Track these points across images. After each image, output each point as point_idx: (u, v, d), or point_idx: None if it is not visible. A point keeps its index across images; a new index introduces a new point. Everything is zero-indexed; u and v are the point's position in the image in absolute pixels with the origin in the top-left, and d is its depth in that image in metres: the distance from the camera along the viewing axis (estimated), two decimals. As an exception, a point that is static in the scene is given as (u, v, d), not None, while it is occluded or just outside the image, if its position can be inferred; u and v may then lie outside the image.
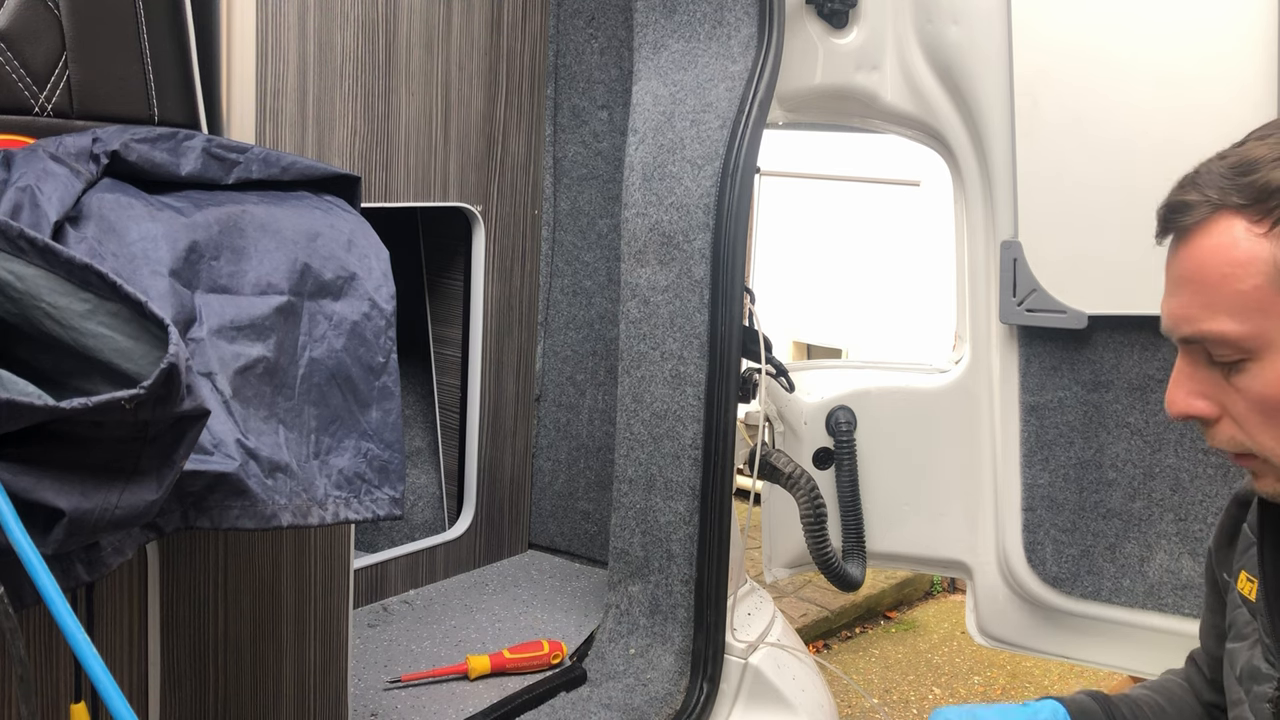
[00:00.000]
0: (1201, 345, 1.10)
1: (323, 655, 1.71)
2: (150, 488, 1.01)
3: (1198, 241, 1.08)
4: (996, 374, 2.37)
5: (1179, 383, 1.14)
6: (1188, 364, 1.13)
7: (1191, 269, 1.09)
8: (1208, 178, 1.08)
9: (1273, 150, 1.05)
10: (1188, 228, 1.09)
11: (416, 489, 2.76)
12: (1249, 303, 1.05)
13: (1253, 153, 1.06)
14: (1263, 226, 1.04)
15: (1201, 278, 1.08)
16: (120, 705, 0.86)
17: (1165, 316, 1.14)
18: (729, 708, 2.19)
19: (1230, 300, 1.06)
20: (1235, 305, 1.06)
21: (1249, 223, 1.05)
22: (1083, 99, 2.17)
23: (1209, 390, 1.12)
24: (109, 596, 1.40)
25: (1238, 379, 1.09)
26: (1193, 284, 1.09)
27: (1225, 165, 1.08)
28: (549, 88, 2.67)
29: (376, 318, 1.46)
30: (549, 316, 2.75)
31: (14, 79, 1.34)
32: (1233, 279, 1.05)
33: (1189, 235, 1.09)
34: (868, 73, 2.36)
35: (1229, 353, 1.08)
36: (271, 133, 2.06)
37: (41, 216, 1.19)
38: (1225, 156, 1.09)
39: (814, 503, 2.21)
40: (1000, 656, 4.17)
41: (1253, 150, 1.07)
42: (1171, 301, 1.12)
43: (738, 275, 2.09)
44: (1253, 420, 1.09)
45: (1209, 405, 1.12)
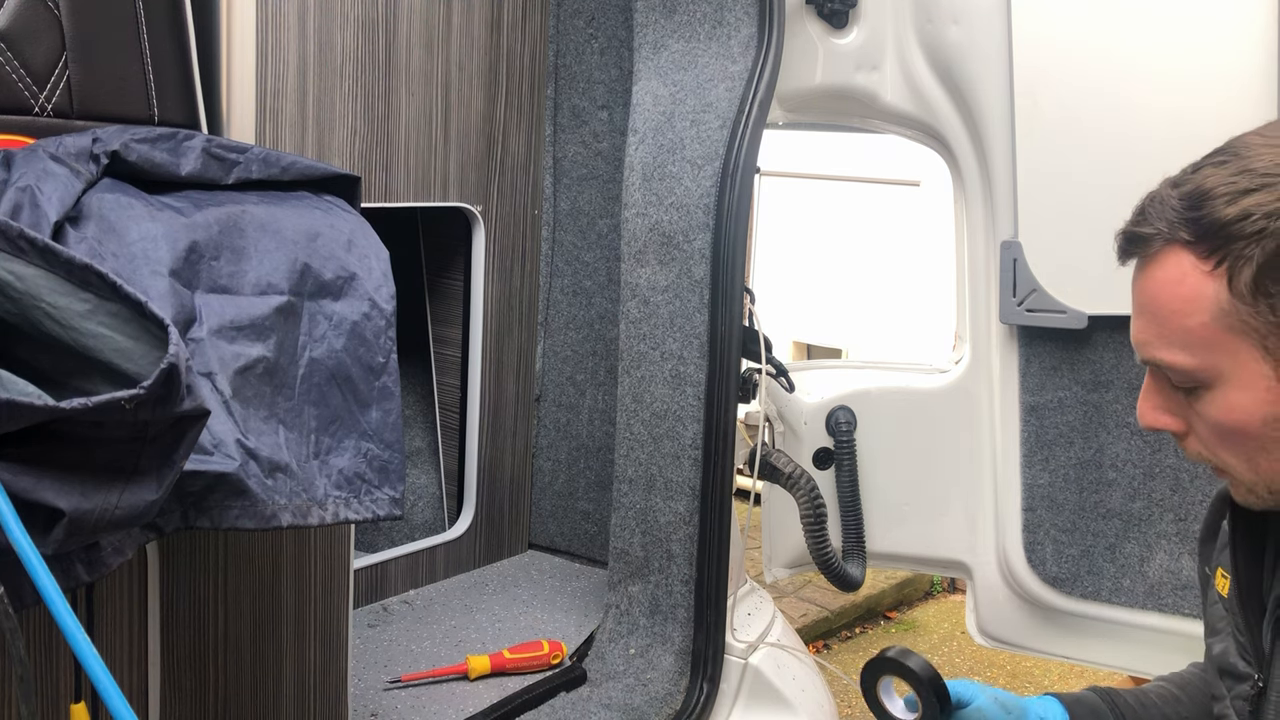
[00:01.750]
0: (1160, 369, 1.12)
1: (323, 655, 1.71)
2: (150, 488, 1.01)
3: (1151, 273, 1.10)
4: (996, 374, 2.37)
5: (1147, 396, 1.16)
6: (1154, 381, 1.16)
7: (1146, 299, 1.11)
8: (1159, 209, 1.09)
9: (1224, 182, 1.04)
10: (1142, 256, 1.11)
11: (416, 489, 2.76)
12: (1197, 339, 1.06)
13: (1205, 183, 1.05)
14: (1208, 264, 1.04)
15: (1155, 309, 1.10)
16: (120, 705, 0.86)
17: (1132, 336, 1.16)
18: (729, 708, 2.19)
19: (1180, 335, 1.07)
20: (1185, 340, 1.07)
21: (1196, 258, 1.05)
22: (1083, 99, 2.17)
23: (1174, 407, 1.14)
24: (109, 596, 1.40)
25: (1196, 403, 1.11)
26: (1148, 314, 1.11)
27: (1177, 196, 1.07)
28: (549, 88, 2.67)
29: (376, 318, 1.46)
30: (549, 316, 2.75)
31: (14, 79, 1.34)
32: (1181, 314, 1.07)
33: (1144, 265, 1.11)
34: (868, 73, 2.36)
35: (1184, 380, 1.10)
36: (271, 133, 2.06)
37: (41, 216, 1.19)
38: (1179, 184, 1.09)
39: (814, 503, 2.21)
40: (1000, 656, 4.17)
41: (1206, 180, 1.06)
42: (1135, 325, 1.14)
43: (738, 275, 2.09)
44: (1213, 440, 1.12)
45: (1175, 420, 1.15)
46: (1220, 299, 1.04)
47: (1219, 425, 1.10)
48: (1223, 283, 1.04)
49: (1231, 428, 1.09)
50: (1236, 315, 1.04)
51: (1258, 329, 1.03)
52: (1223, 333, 1.05)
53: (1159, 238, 1.08)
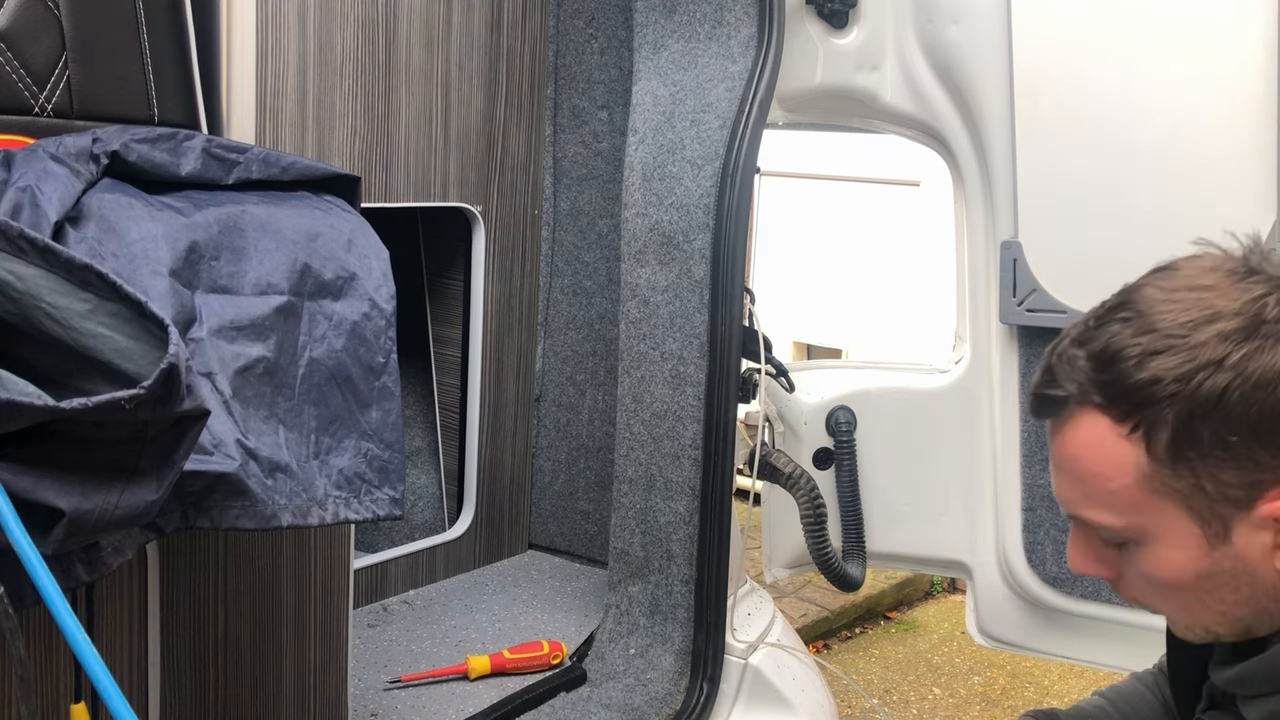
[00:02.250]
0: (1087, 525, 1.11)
1: (323, 655, 1.71)
2: (150, 488, 1.01)
3: (1068, 434, 1.07)
4: (996, 374, 2.37)
5: (1076, 545, 1.14)
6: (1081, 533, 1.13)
7: (1065, 460, 1.09)
8: (1068, 370, 1.06)
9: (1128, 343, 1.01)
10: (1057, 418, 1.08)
11: (416, 489, 2.76)
12: (1122, 500, 1.05)
13: (1112, 344, 1.03)
14: (1125, 427, 1.02)
15: (1076, 471, 1.08)
16: (120, 705, 0.86)
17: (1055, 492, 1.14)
18: (729, 708, 2.19)
19: (1105, 497, 1.06)
20: (1110, 502, 1.05)
21: (1112, 421, 1.03)
22: (1083, 99, 2.17)
23: (1105, 556, 1.12)
24: (109, 596, 1.40)
25: (1126, 556, 1.09)
26: (1070, 474, 1.09)
27: (1085, 355, 1.05)
28: (549, 88, 2.67)
29: (376, 318, 1.46)
30: (549, 316, 2.75)
31: (14, 79, 1.34)
32: (1104, 478, 1.05)
33: (1060, 425, 1.08)
34: (868, 73, 2.36)
35: (1113, 537, 1.08)
36: (271, 133, 2.06)
37: (41, 216, 1.19)
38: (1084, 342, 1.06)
39: (814, 503, 2.21)
40: (1000, 656, 4.17)
41: (1112, 340, 1.03)
42: (1057, 481, 1.12)
43: (738, 275, 2.09)
44: (1148, 593, 1.11)
45: (1107, 569, 1.13)
46: (1140, 463, 1.02)
47: (1152, 579, 1.08)
48: (1141, 447, 1.02)
49: (1165, 582, 1.07)
50: (1158, 478, 1.02)
51: (1180, 490, 1.02)
52: (1146, 495, 1.03)
53: (1071, 400, 1.06)
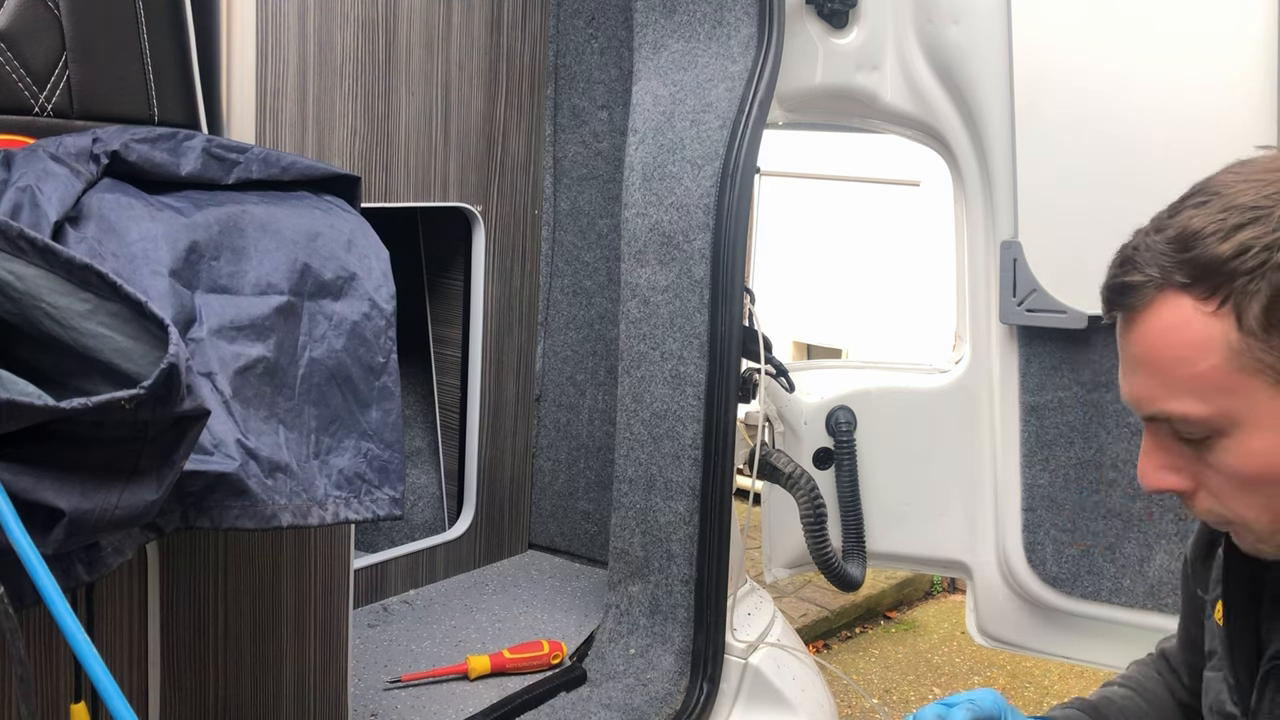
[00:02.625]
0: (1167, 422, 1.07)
1: (323, 655, 1.71)
2: (150, 488, 1.01)
3: (1146, 323, 1.04)
4: (996, 374, 2.37)
5: (1149, 456, 1.10)
6: (1155, 438, 1.10)
7: (1145, 351, 1.05)
8: (1147, 255, 1.03)
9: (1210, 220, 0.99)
10: (1134, 308, 1.05)
11: (416, 489, 2.76)
12: (1209, 384, 1.01)
13: (1191, 224, 1.01)
14: (1211, 304, 0.99)
15: (1157, 360, 1.04)
16: (120, 705, 0.86)
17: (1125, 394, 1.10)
18: (729, 708, 2.19)
19: (1190, 382, 1.02)
20: (1195, 387, 1.02)
21: (1196, 301, 1.00)
22: (1083, 99, 2.17)
23: (1180, 464, 1.08)
24: (109, 596, 1.40)
25: (1208, 454, 1.05)
26: (1149, 366, 1.05)
27: (1163, 240, 1.02)
28: (549, 88, 2.67)
29: (376, 318, 1.46)
30: (549, 316, 2.75)
31: (14, 79, 1.34)
32: (1188, 361, 1.01)
33: (1136, 316, 1.05)
34: (868, 73, 2.36)
35: (1196, 430, 1.04)
36: (271, 133, 2.06)
37: (41, 216, 1.19)
38: (1162, 228, 1.04)
39: (814, 503, 2.21)
40: (1000, 656, 4.17)
41: (1191, 221, 1.01)
42: (1130, 381, 1.08)
43: (738, 275, 2.09)
44: (1228, 492, 1.07)
45: (1182, 479, 1.09)
46: (1230, 339, 0.99)
47: (1237, 474, 1.04)
48: (1230, 321, 0.98)
49: (1252, 475, 1.03)
50: (1250, 354, 0.98)
51: (1272, 365, 0.98)
52: (1236, 374, 0.99)
53: (1151, 285, 1.03)
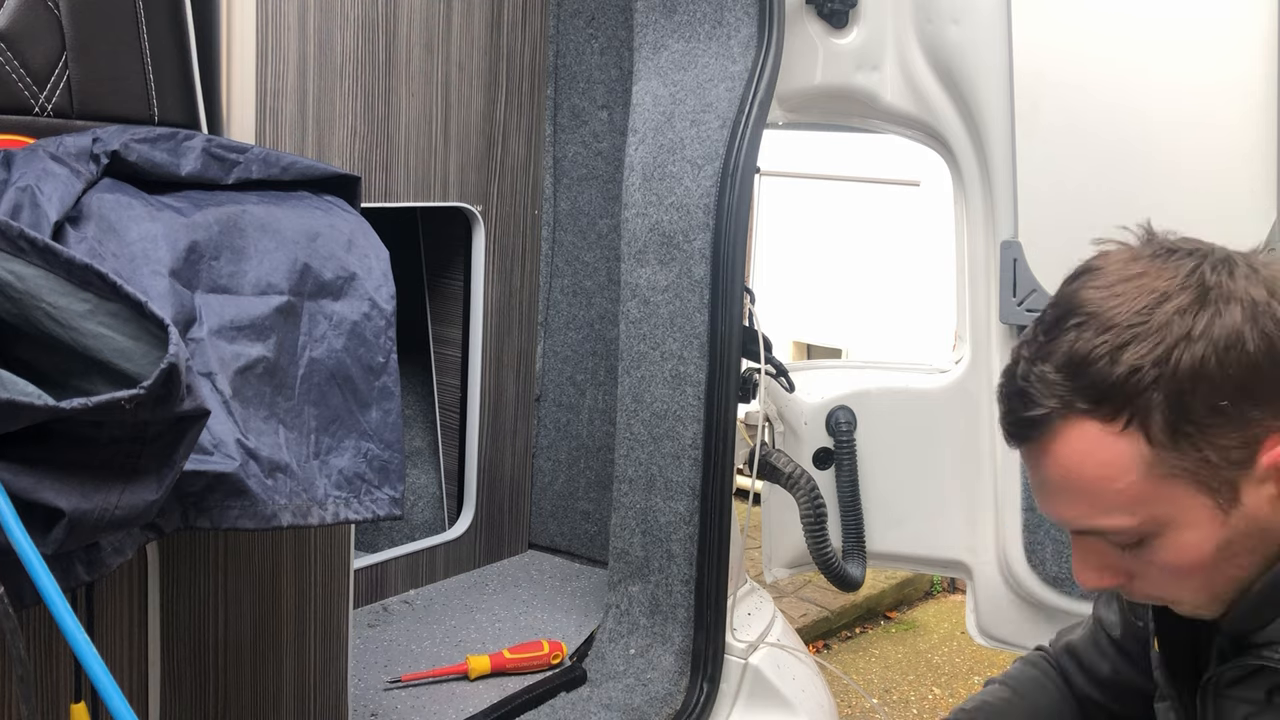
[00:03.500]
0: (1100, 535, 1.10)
1: (323, 655, 1.71)
2: (150, 488, 1.01)
3: (1057, 450, 1.07)
4: (996, 374, 2.36)
5: (1083, 560, 1.13)
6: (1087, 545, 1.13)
7: (1063, 476, 1.08)
8: (1041, 386, 1.06)
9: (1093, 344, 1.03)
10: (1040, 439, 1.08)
11: (416, 489, 2.76)
12: (1133, 498, 1.05)
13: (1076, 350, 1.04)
14: (1117, 425, 1.03)
15: (1077, 484, 1.07)
16: (120, 705, 0.86)
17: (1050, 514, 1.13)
18: (729, 708, 2.19)
19: (1114, 499, 1.05)
20: (1120, 503, 1.05)
21: (1102, 423, 1.03)
22: (1083, 99, 2.17)
23: (1114, 563, 1.12)
24: (109, 596, 1.40)
25: (1142, 554, 1.09)
26: (1070, 489, 1.08)
27: (1053, 368, 1.05)
28: (549, 88, 2.67)
29: (376, 318, 1.46)
30: (549, 316, 2.75)
31: (14, 79, 1.34)
32: (1109, 480, 1.05)
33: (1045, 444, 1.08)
34: (868, 73, 2.36)
35: (1128, 539, 1.08)
36: (271, 133, 2.06)
37: (41, 216, 1.19)
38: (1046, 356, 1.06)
39: (814, 503, 2.21)
40: (1000, 656, 4.16)
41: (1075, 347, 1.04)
42: (1053, 502, 1.11)
43: (738, 275, 2.09)
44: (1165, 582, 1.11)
45: (1118, 577, 1.13)
46: (1143, 453, 1.03)
47: (1173, 567, 1.08)
48: (1139, 438, 1.02)
49: (1188, 566, 1.08)
50: (1164, 463, 1.03)
51: (1186, 468, 1.03)
52: (1156, 483, 1.04)
53: (1053, 415, 1.05)
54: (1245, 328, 1.01)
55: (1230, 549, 1.06)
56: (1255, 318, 1.01)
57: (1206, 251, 1.07)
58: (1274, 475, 1.04)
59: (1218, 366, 1.00)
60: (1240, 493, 1.04)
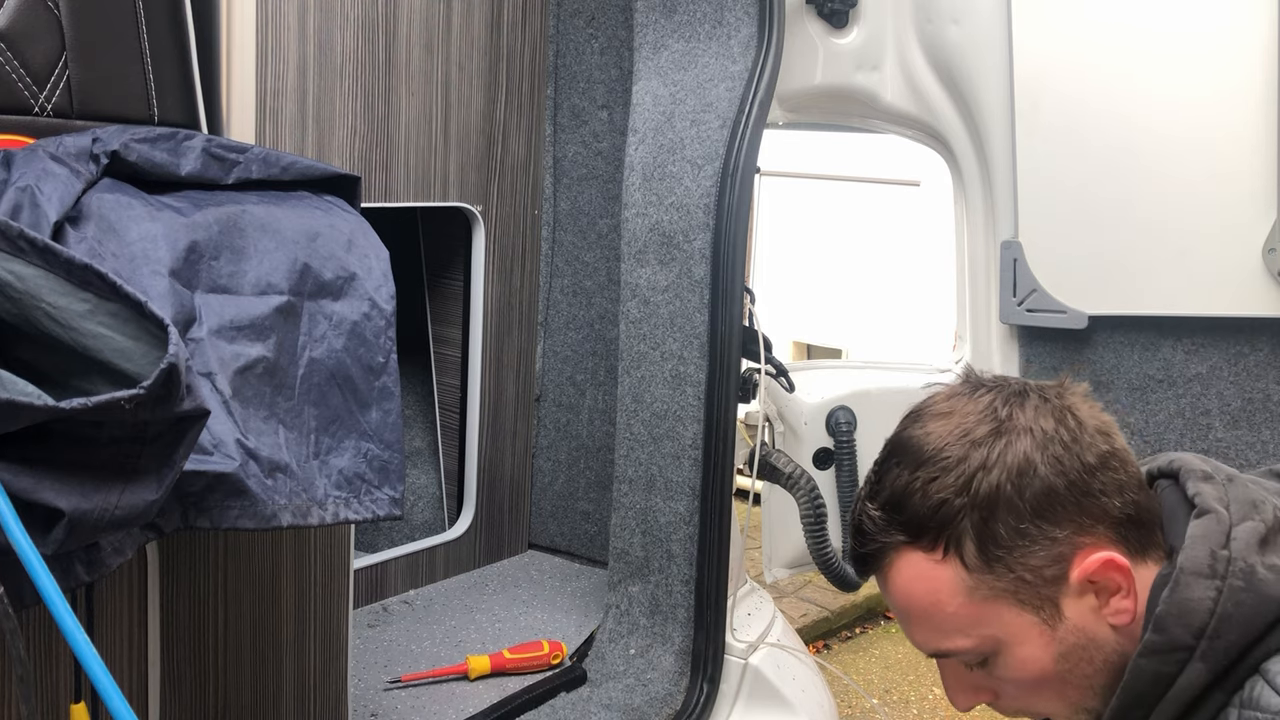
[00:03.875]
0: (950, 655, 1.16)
1: (323, 655, 1.71)
2: (150, 488, 1.01)
3: (894, 580, 1.15)
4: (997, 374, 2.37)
5: (952, 684, 1.20)
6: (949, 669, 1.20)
7: (903, 604, 1.16)
8: (870, 525, 1.14)
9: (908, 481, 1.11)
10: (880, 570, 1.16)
11: (416, 489, 2.76)
12: (964, 620, 1.11)
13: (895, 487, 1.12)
14: (937, 553, 1.10)
15: (914, 610, 1.14)
16: (120, 705, 0.86)
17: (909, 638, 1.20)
18: (729, 708, 2.19)
19: (949, 622, 1.12)
20: (955, 625, 1.12)
21: (925, 553, 1.11)
22: (1083, 99, 2.17)
23: (978, 682, 1.18)
24: (109, 596, 1.40)
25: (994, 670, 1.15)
26: (912, 616, 1.15)
27: (877, 507, 1.14)
28: (549, 88, 2.67)
29: (376, 318, 1.46)
30: (549, 316, 2.75)
31: (14, 79, 1.34)
32: (939, 605, 1.12)
33: (885, 576, 1.16)
34: (868, 73, 2.36)
35: (973, 658, 1.15)
36: (271, 133, 2.06)
37: (41, 216, 1.19)
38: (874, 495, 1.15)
39: (814, 503, 2.21)
40: (1000, 656, 4.16)
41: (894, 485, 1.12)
42: (907, 629, 1.19)
43: (738, 275, 2.09)
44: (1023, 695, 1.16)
45: (984, 695, 1.19)
46: (963, 578, 1.10)
47: (1021, 681, 1.14)
48: (956, 564, 1.10)
49: (1033, 679, 1.13)
50: (982, 586, 1.10)
51: (1005, 589, 1.09)
52: (980, 605, 1.10)
53: (884, 549, 1.14)
54: (1035, 455, 1.08)
55: (1068, 660, 1.12)
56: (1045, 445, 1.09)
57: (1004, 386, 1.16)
58: (1090, 588, 1.09)
59: (1014, 491, 1.07)
60: (1062, 608, 1.10)
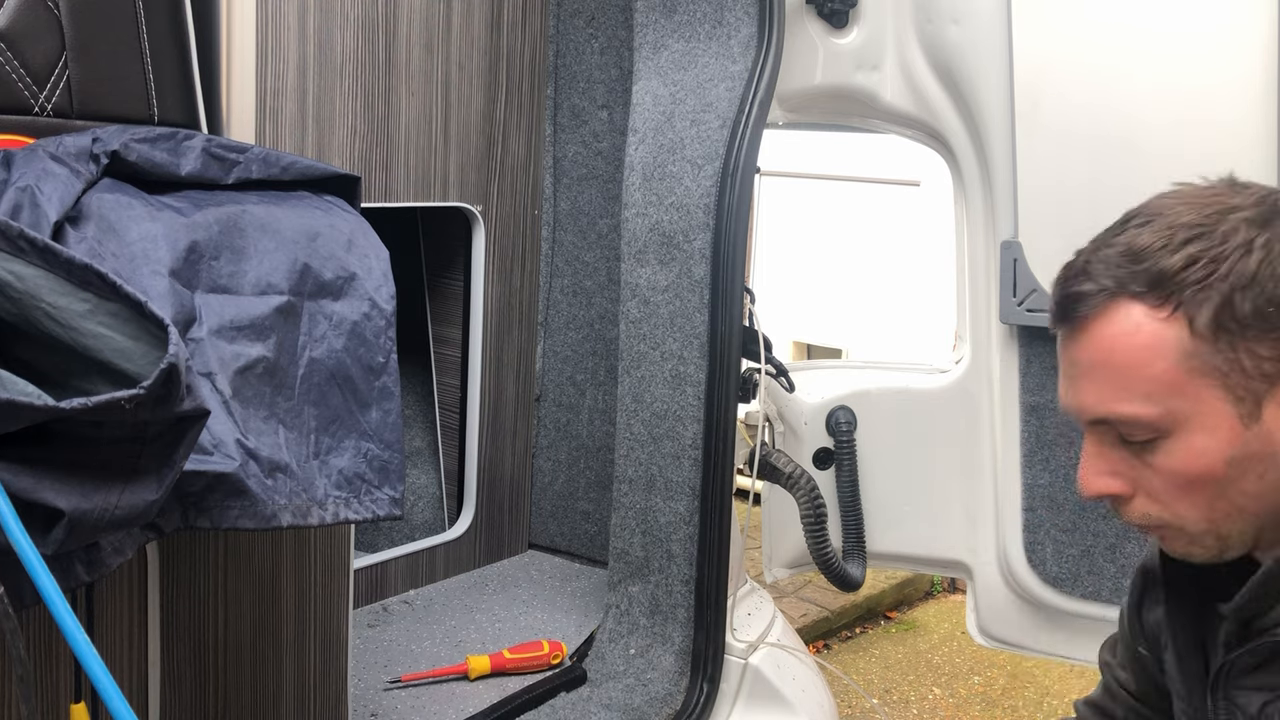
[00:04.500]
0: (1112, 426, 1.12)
1: (323, 655, 1.71)
2: (150, 488, 1.01)
3: (1099, 329, 1.10)
4: (996, 374, 2.37)
5: (1090, 463, 1.15)
6: (1097, 444, 1.15)
7: (1096, 356, 1.11)
8: (1100, 267, 1.10)
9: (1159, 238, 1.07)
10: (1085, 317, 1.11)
11: (416, 489, 2.76)
12: (1160, 385, 1.07)
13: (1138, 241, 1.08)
14: (1163, 311, 1.06)
15: (1109, 364, 1.09)
16: (120, 705, 0.86)
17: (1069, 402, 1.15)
18: (729, 708, 2.19)
19: (1141, 384, 1.08)
20: (1147, 389, 1.08)
21: (1149, 308, 1.07)
22: (1083, 99, 2.17)
23: (1120, 469, 1.13)
24: (109, 596, 1.40)
25: (1151, 456, 1.10)
26: (1100, 370, 1.10)
27: (1116, 253, 1.10)
28: (549, 88, 2.67)
29: (376, 318, 1.46)
30: (549, 316, 2.75)
31: (14, 79, 1.34)
32: (1142, 364, 1.07)
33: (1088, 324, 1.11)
34: (868, 73, 2.36)
35: (1142, 433, 1.10)
36: (271, 133, 2.06)
37: (41, 216, 1.19)
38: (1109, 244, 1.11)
39: (814, 503, 2.21)
40: (1000, 656, 4.17)
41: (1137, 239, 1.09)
42: (1077, 388, 1.13)
43: (738, 275, 2.09)
44: (1168, 493, 1.11)
45: (1123, 483, 1.14)
46: (1182, 341, 1.05)
47: (1179, 475, 1.09)
48: (1182, 326, 1.05)
49: (1195, 475, 1.08)
50: (1200, 356, 1.05)
51: (1219, 368, 1.05)
52: (1186, 376, 1.06)
53: (1104, 293, 1.09)
54: None
55: (1240, 467, 1.07)
56: None
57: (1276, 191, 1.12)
58: None
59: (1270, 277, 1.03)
60: (1263, 408, 1.06)
